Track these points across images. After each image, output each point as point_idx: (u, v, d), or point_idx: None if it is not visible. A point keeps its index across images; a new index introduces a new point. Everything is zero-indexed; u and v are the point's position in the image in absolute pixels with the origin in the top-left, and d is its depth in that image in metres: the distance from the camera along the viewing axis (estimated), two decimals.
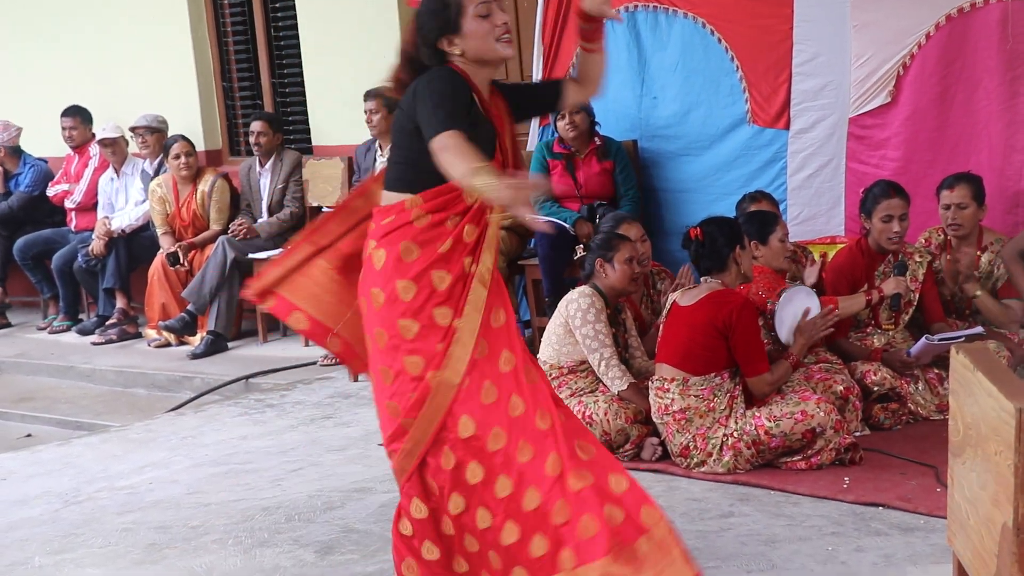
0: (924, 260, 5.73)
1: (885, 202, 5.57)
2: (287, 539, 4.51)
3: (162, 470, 5.65)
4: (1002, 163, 6.12)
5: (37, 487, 5.57)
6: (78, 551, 4.60)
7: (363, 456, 5.55)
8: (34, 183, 9.93)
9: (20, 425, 7.76)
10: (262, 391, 7.21)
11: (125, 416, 7.31)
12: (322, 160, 8.65)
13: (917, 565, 3.81)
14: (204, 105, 9.58)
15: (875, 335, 5.68)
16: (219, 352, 8.33)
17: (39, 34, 10.41)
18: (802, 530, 4.19)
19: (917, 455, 4.87)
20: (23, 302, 10.60)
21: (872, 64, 6.40)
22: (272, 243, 8.49)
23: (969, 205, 5.74)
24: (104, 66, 10.01)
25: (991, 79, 6.12)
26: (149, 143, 9.18)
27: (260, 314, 8.48)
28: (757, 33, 6.75)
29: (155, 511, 5.01)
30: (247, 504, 4.97)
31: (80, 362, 8.60)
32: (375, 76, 8.25)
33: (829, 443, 4.80)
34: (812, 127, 6.63)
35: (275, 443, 5.94)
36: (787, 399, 4.87)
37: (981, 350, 2.70)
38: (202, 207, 8.76)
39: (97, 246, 9.09)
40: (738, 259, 4.99)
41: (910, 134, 6.36)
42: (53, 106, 9.87)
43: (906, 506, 4.32)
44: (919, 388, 5.48)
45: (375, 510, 4.75)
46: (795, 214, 6.66)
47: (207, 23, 9.55)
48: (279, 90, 9.35)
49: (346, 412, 6.42)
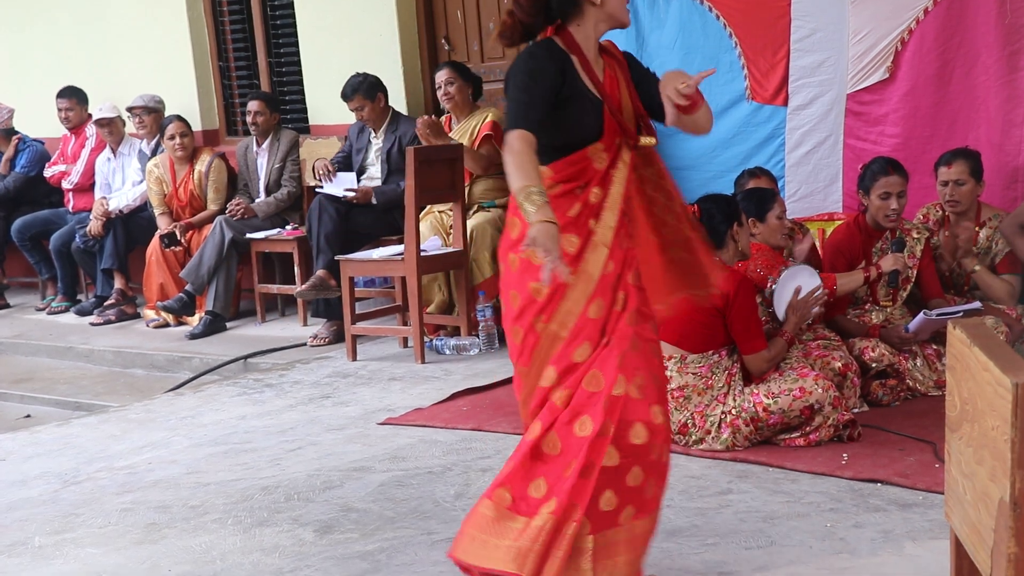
0: (922, 236, 5.72)
1: (883, 179, 5.56)
2: (286, 518, 4.51)
3: (161, 450, 5.65)
4: (1001, 138, 6.12)
5: (36, 467, 5.57)
6: (78, 531, 4.60)
7: (362, 435, 5.56)
8: (30, 164, 9.92)
9: (19, 406, 7.77)
10: (260, 371, 7.22)
11: (124, 396, 7.31)
12: (319, 139, 8.64)
13: (915, 541, 3.81)
14: (201, 85, 9.56)
15: (873, 312, 5.68)
16: (217, 332, 8.33)
17: (35, 15, 10.38)
18: (801, 506, 4.19)
19: (915, 431, 4.87)
20: (21, 283, 10.61)
21: (870, 40, 6.39)
22: (269, 223, 8.49)
23: (967, 181, 5.73)
24: (100, 46, 9.98)
25: (989, 54, 6.11)
26: (146, 123, 9.17)
27: (258, 294, 8.48)
28: (755, 9, 6.74)
29: (154, 491, 5.01)
30: (246, 484, 4.98)
31: (78, 343, 8.60)
32: (371, 54, 8.36)
33: (827, 420, 4.80)
34: (810, 103, 6.63)
35: (274, 423, 5.94)
36: (785, 376, 4.87)
37: (978, 325, 2.70)
38: (199, 187, 8.75)
39: (95, 226, 9.08)
40: (735, 236, 4.99)
41: (909, 110, 6.36)
42: (49, 87, 9.86)
43: (904, 482, 4.32)
44: (917, 364, 5.48)
45: (374, 489, 4.75)
46: (793, 191, 6.66)
47: (203, 2, 9.52)
48: (276, 69, 9.32)
49: (345, 392, 6.42)
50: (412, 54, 8.48)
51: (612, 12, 3.40)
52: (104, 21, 9.92)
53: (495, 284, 7.19)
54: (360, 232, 7.75)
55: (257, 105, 8.55)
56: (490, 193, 7.39)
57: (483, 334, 7.00)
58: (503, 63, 8.17)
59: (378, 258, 7.03)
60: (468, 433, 5.42)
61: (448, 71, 7.45)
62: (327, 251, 7.54)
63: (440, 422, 5.62)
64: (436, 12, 8.50)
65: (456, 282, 7.16)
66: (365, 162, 7.97)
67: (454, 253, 7.03)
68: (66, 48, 10.20)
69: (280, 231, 8.39)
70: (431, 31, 8.52)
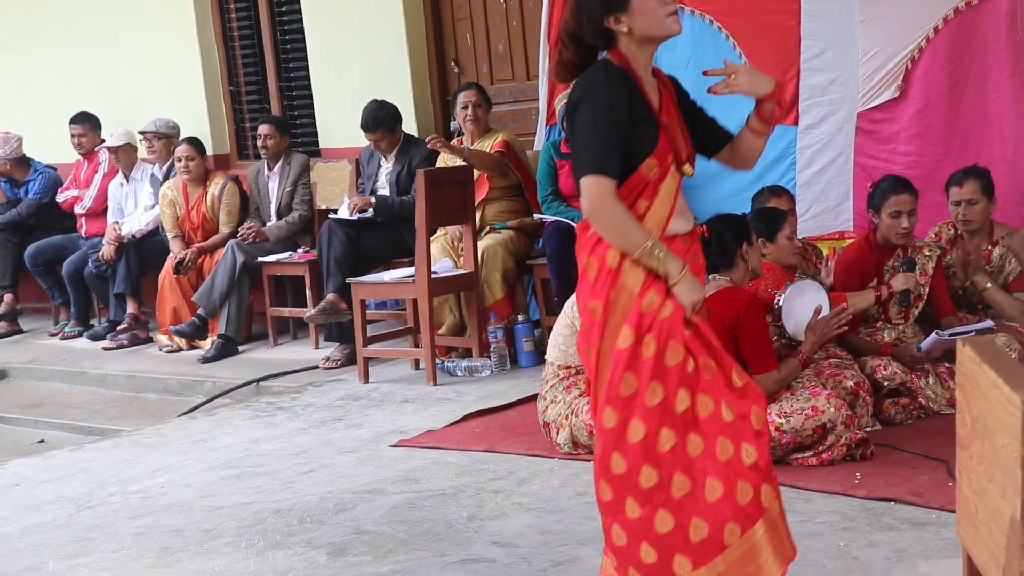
0: (933, 254, 5.71)
1: (893, 198, 5.55)
2: (299, 541, 4.51)
3: (174, 474, 5.65)
4: (1014, 155, 6.11)
5: (50, 492, 5.58)
6: (91, 555, 4.61)
7: (374, 457, 5.56)
8: (43, 190, 9.97)
9: (32, 431, 7.78)
10: (273, 394, 7.22)
11: (137, 420, 7.33)
12: (330, 163, 8.67)
13: (929, 560, 3.80)
14: (212, 109, 9.60)
15: (885, 330, 5.67)
16: (230, 356, 8.35)
17: (47, 41, 10.44)
18: (814, 526, 4.18)
19: (928, 449, 4.85)
20: (34, 308, 10.64)
21: (880, 59, 6.39)
22: (281, 246, 8.52)
23: (979, 200, 5.73)
24: (111, 72, 10.04)
25: (1001, 71, 6.11)
26: (156, 148, 9.21)
27: (270, 317, 8.50)
28: (764, 29, 6.75)
29: (167, 515, 5.02)
30: (259, 507, 4.98)
31: (92, 367, 8.62)
32: (381, 78, 8.40)
33: (840, 439, 4.79)
34: (821, 122, 6.63)
35: (286, 446, 5.94)
36: (797, 395, 4.86)
37: (988, 343, 2.68)
38: (212, 210, 8.78)
39: (107, 251, 9.11)
40: (746, 256, 4.98)
41: (920, 128, 6.35)
42: (61, 112, 9.92)
43: (918, 501, 4.31)
44: (930, 382, 5.46)
45: (387, 511, 4.75)
46: (804, 210, 6.65)
47: (214, 27, 9.57)
48: (286, 93, 9.36)
49: (357, 414, 6.42)
50: (422, 77, 8.51)
51: (644, 33, 3.26)
52: (115, 46, 9.97)
53: (506, 305, 7.20)
54: (370, 255, 7.76)
55: (268, 129, 8.58)
56: (501, 215, 7.41)
57: (495, 355, 7.00)
58: (512, 85, 8.20)
59: (389, 280, 7.04)
60: (480, 454, 5.42)
61: (475, 92, 7.47)
62: (337, 275, 7.55)
63: (452, 444, 5.62)
64: (446, 35, 8.54)
65: (467, 304, 7.17)
66: (375, 185, 7.99)
67: (465, 275, 7.03)
68: (77, 74, 10.25)
69: (291, 254, 8.41)
70: (441, 54, 8.55)
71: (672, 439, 3.15)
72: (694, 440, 3.16)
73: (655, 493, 3.15)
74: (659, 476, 3.14)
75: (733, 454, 3.15)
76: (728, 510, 3.13)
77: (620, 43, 3.27)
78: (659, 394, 3.14)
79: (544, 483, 4.93)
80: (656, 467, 3.14)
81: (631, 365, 3.15)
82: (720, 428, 3.16)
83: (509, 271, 7.24)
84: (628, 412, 3.15)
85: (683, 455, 3.15)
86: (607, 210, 3.15)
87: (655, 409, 3.14)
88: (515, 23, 8.08)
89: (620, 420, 3.15)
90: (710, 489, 3.14)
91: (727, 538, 3.13)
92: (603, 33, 3.27)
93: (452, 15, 8.48)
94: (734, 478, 3.14)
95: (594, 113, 3.16)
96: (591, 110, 3.17)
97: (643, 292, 3.17)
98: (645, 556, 3.16)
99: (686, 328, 3.18)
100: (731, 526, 3.13)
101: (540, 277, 7.20)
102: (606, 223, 3.17)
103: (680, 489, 3.14)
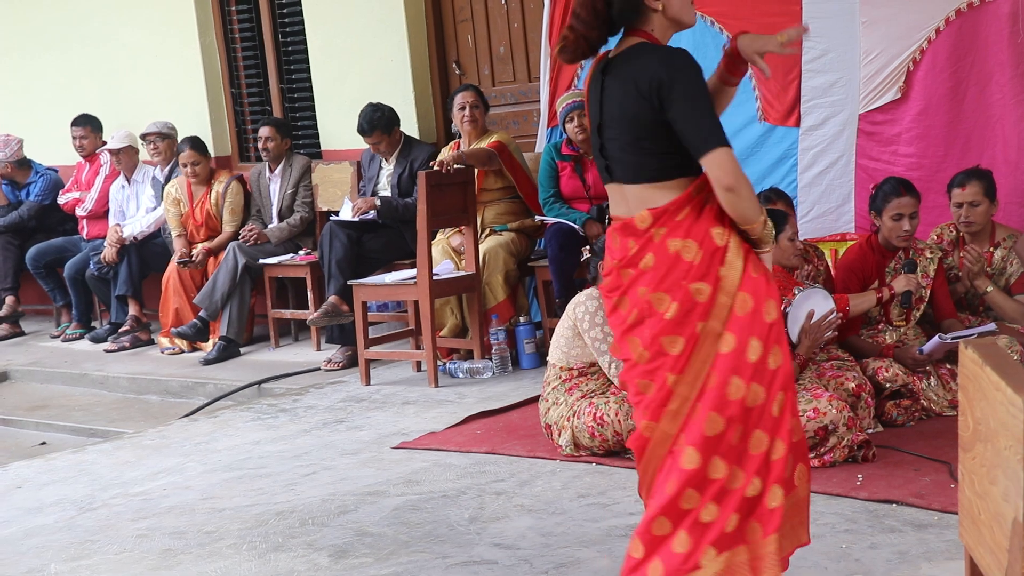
0: (935, 256, 5.71)
1: (895, 200, 5.54)
2: (301, 543, 4.51)
3: (176, 476, 5.66)
4: (1017, 157, 6.11)
5: (52, 494, 5.58)
6: (93, 558, 4.61)
7: (376, 460, 5.56)
8: (44, 192, 9.98)
9: (34, 433, 7.78)
10: (274, 396, 7.22)
11: (138, 423, 7.33)
12: (331, 164, 8.67)
13: (931, 561, 3.80)
14: (213, 111, 9.61)
15: (887, 331, 5.67)
16: (231, 358, 8.35)
17: (49, 44, 10.45)
18: (815, 528, 4.16)
19: (930, 451, 4.85)
20: (36, 310, 10.64)
21: (882, 60, 6.39)
22: (282, 248, 8.52)
23: (981, 202, 5.72)
24: (112, 74, 10.05)
25: (1003, 73, 6.11)
26: (160, 149, 9.22)
27: (271, 319, 8.50)
28: (765, 31, 6.67)
29: (169, 517, 5.02)
30: (261, 509, 4.98)
31: (93, 369, 8.62)
32: (383, 80, 8.40)
33: (842, 440, 4.79)
34: (822, 124, 6.63)
35: (288, 448, 5.95)
36: (799, 397, 4.86)
37: (990, 345, 2.69)
38: (216, 208, 8.79)
39: (109, 253, 9.12)
40: None
41: (922, 130, 6.35)
42: (62, 114, 9.92)
43: (920, 502, 4.31)
44: (932, 384, 5.46)
45: (388, 513, 4.75)
46: (805, 211, 6.65)
47: (215, 29, 9.57)
48: (287, 95, 9.36)
49: (358, 416, 6.42)
50: (423, 79, 8.51)
51: (676, 15, 3.25)
52: (117, 49, 9.98)
53: (507, 307, 7.19)
54: (372, 257, 7.76)
55: (269, 131, 8.58)
56: (502, 217, 7.40)
57: (496, 357, 7.00)
58: (513, 87, 8.20)
59: (390, 282, 7.04)
60: (482, 456, 5.42)
61: (472, 93, 7.46)
62: (338, 277, 7.55)
63: (454, 446, 5.62)
64: (447, 37, 8.54)
65: (469, 306, 7.17)
66: (377, 187, 7.99)
67: (466, 277, 7.03)
68: (78, 76, 10.26)
69: (293, 256, 8.42)
70: (442, 56, 8.55)
71: (780, 400, 3.22)
72: (779, 398, 3.22)
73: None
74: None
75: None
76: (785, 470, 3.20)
77: (651, 22, 3.25)
78: (779, 358, 3.20)
79: (546, 485, 4.93)
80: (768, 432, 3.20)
81: (754, 329, 3.16)
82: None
83: (511, 273, 7.24)
84: (757, 378, 3.16)
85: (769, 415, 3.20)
86: (745, 178, 3.15)
87: (778, 371, 3.20)
88: (516, 25, 8.08)
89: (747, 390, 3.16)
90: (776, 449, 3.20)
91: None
92: (635, 10, 3.24)
93: (453, 17, 8.48)
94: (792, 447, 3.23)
95: (696, 89, 3.14)
96: (693, 86, 3.14)
97: (746, 266, 3.21)
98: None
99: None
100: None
101: (542, 279, 7.20)
102: (748, 192, 3.16)
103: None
